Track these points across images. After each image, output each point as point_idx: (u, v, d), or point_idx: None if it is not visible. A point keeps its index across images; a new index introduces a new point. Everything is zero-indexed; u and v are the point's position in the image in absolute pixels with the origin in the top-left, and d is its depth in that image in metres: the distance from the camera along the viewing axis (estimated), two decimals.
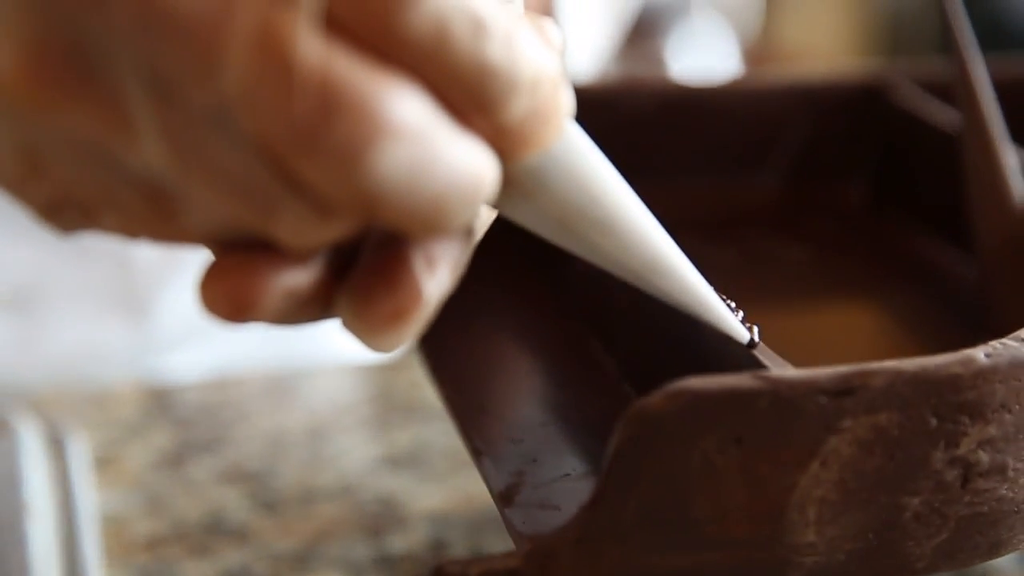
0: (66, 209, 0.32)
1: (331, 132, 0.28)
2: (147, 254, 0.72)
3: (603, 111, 0.60)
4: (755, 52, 2.35)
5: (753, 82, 0.64)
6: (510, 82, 0.31)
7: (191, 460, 0.62)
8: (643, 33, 2.22)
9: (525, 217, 0.34)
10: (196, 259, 0.74)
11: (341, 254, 0.33)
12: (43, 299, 0.71)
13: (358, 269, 0.32)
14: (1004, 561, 0.52)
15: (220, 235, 0.32)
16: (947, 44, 0.53)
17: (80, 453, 0.60)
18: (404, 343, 0.33)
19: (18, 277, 0.71)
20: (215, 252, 0.32)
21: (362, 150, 0.28)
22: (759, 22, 2.44)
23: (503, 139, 0.31)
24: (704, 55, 2.19)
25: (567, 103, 0.33)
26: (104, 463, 0.61)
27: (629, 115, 0.60)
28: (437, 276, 0.32)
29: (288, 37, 0.28)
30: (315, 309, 0.33)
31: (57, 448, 0.60)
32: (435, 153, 0.30)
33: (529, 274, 0.56)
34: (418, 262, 0.32)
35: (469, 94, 0.30)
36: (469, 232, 0.34)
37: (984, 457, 0.38)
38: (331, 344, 0.83)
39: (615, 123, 0.60)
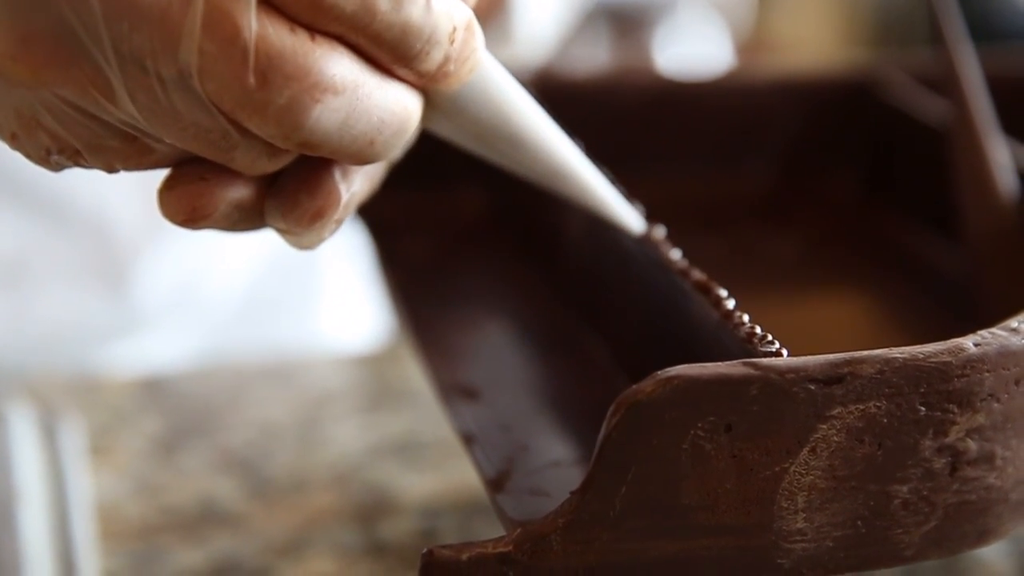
0: (57, 154, 0.37)
1: (275, 97, 0.34)
2: (126, 225, 0.72)
3: (594, 104, 0.60)
4: (746, 43, 2.35)
5: (743, 76, 0.64)
6: (430, 39, 0.36)
7: (183, 447, 0.62)
8: (633, 24, 2.22)
9: (446, 132, 0.39)
10: (174, 231, 0.74)
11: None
12: (23, 273, 0.72)
13: (285, 179, 0.38)
14: (991, 549, 0.53)
15: (184, 159, 0.37)
16: (935, 36, 0.54)
17: (72, 440, 0.60)
18: (324, 240, 0.39)
19: None
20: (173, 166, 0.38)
21: (303, 110, 0.34)
22: (750, 13, 2.44)
23: (426, 80, 0.37)
24: (695, 46, 2.19)
25: (481, 41, 0.37)
26: (96, 450, 0.61)
27: (620, 108, 0.61)
28: (352, 183, 0.38)
29: (235, 20, 0.33)
30: (254, 217, 0.38)
31: (49, 435, 0.60)
32: (365, 105, 0.35)
33: (521, 263, 0.56)
34: (335, 171, 0.38)
35: (394, 52, 0.35)
36: None
37: (972, 445, 0.39)
38: (320, 332, 0.83)
39: (606, 116, 0.60)
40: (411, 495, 0.58)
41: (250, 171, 0.37)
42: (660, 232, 0.46)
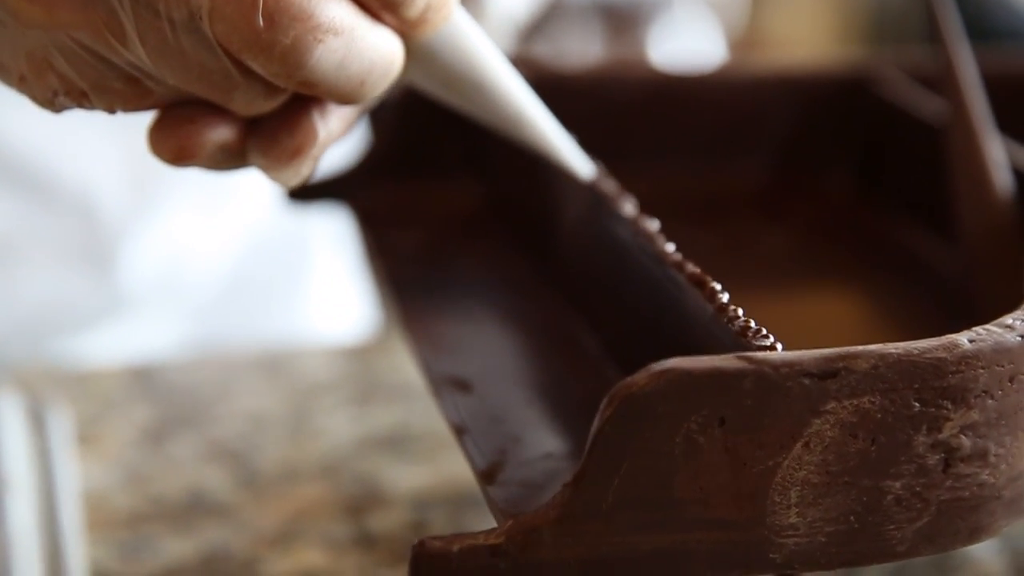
0: (63, 96, 0.39)
1: (281, 37, 0.36)
2: (111, 206, 0.72)
3: (590, 96, 0.60)
4: (740, 41, 2.35)
5: (739, 70, 0.64)
6: None
7: (173, 437, 0.62)
8: (627, 22, 2.21)
9: (418, 80, 0.42)
10: (159, 212, 0.74)
11: None
12: (8, 254, 0.71)
13: (266, 119, 0.40)
14: (982, 547, 0.53)
15: (178, 100, 0.39)
16: (933, 34, 0.53)
17: (61, 428, 0.60)
18: (302, 177, 0.41)
19: None
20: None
21: (306, 50, 0.37)
22: (744, 11, 2.43)
23: (406, 26, 0.39)
24: (688, 44, 2.19)
25: None
26: (86, 439, 0.61)
27: (616, 101, 0.60)
28: (329, 124, 0.41)
29: None
30: (237, 158, 0.41)
31: (38, 424, 0.60)
32: (359, 46, 0.38)
33: (514, 254, 0.56)
34: (314, 112, 0.40)
35: (382, 0, 0.38)
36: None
37: (966, 442, 0.39)
38: (308, 320, 0.83)
39: (602, 108, 0.60)
40: (401, 487, 0.58)
41: (246, 111, 0.39)
42: (653, 224, 0.46)
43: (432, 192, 0.60)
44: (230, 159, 0.41)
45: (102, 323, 0.75)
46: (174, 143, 0.40)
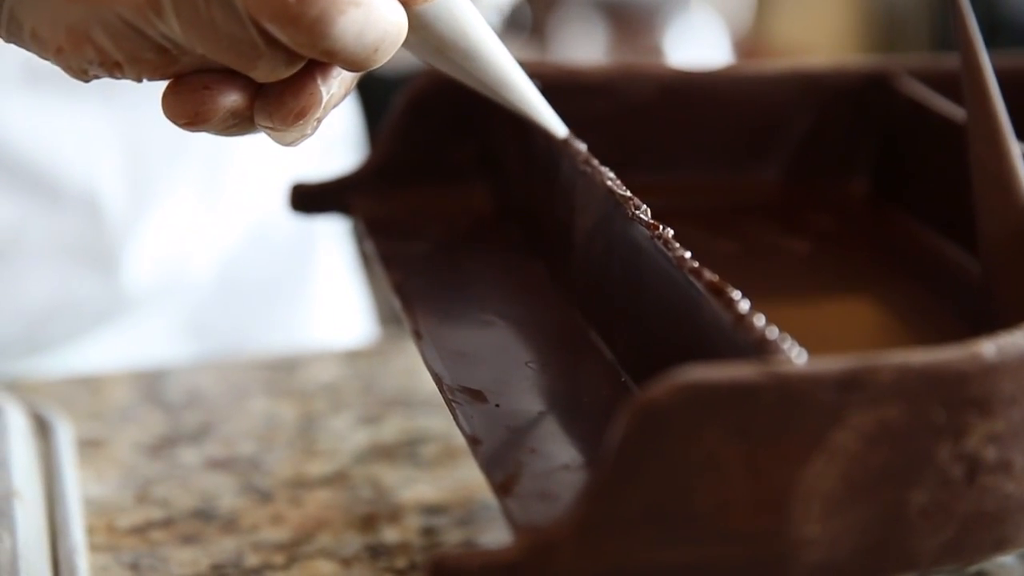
0: (98, 67, 0.42)
1: (309, 9, 0.39)
2: (115, 205, 0.72)
3: (604, 98, 0.59)
4: (746, 48, 2.34)
5: (756, 69, 0.63)
6: None
7: (181, 446, 0.61)
8: (633, 29, 2.21)
9: (411, 46, 0.45)
10: (162, 212, 0.74)
11: None
12: (13, 251, 0.71)
13: (272, 85, 0.43)
14: (1008, 557, 0.52)
15: (199, 68, 0.42)
16: (954, 31, 0.52)
17: (67, 438, 0.59)
18: (306, 137, 0.44)
19: None
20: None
21: (331, 21, 0.40)
22: (750, 18, 2.43)
23: None
24: (694, 51, 2.18)
25: None
26: (93, 449, 0.60)
27: (630, 102, 0.60)
28: (331, 87, 0.44)
29: None
30: (246, 122, 0.44)
31: (44, 432, 0.59)
32: (374, 16, 0.41)
33: (528, 262, 0.55)
34: (317, 76, 0.43)
35: None
36: None
37: (990, 453, 0.38)
38: (313, 325, 0.82)
39: (616, 110, 0.59)
40: (412, 497, 0.57)
41: (267, 79, 0.42)
42: (668, 230, 0.45)
43: (441, 198, 0.60)
44: (239, 125, 0.44)
45: (105, 324, 0.74)
46: (190, 108, 0.43)
